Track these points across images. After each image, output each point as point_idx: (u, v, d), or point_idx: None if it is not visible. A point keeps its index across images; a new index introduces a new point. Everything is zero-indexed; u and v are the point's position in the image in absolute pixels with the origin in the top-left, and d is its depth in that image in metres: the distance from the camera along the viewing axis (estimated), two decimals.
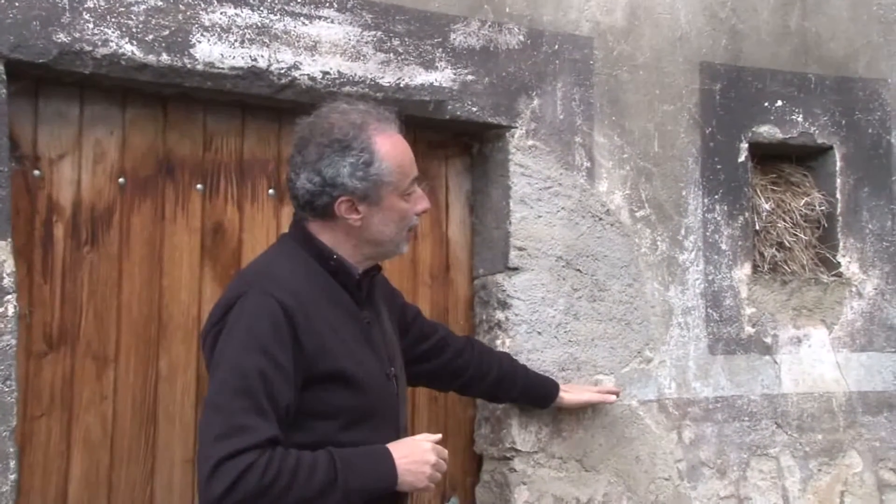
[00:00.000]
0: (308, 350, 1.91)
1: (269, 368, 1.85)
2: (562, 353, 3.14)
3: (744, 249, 3.48)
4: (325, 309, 2.00)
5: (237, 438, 1.79)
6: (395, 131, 2.12)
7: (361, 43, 2.90)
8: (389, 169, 2.05)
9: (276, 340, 1.88)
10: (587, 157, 3.24)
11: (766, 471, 3.44)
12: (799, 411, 3.51)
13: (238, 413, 1.81)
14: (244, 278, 2.05)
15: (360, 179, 2.03)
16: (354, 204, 2.05)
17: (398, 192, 2.08)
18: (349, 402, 1.97)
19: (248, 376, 1.83)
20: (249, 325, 1.88)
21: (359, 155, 2.03)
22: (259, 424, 1.81)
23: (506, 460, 3.07)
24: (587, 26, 3.28)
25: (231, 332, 1.90)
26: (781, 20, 3.64)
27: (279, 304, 1.90)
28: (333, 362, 1.95)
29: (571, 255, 3.18)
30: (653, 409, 3.27)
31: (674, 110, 3.40)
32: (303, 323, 1.92)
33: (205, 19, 2.68)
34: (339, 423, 1.96)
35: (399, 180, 2.08)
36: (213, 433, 1.81)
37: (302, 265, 2.05)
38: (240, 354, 1.86)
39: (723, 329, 3.41)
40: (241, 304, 1.91)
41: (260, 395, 1.83)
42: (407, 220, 2.14)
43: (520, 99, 3.14)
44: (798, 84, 3.63)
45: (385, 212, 2.08)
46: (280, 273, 2.00)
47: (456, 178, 3.24)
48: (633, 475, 3.22)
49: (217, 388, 1.87)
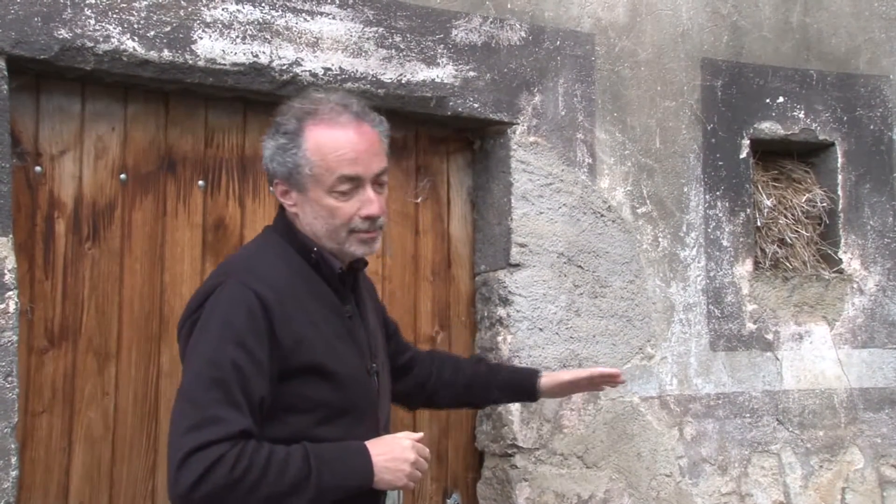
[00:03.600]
0: (284, 343, 1.87)
1: (243, 360, 1.81)
2: (563, 350, 3.14)
3: (745, 246, 3.48)
4: (305, 302, 1.94)
5: (208, 430, 1.75)
6: (350, 125, 1.98)
7: (363, 39, 2.89)
8: (308, 159, 1.96)
9: (252, 332, 1.83)
10: (589, 154, 3.23)
11: (767, 467, 3.44)
12: (800, 408, 3.51)
13: (210, 404, 1.78)
14: (224, 269, 1.99)
15: (279, 164, 1.99)
16: (288, 190, 2.01)
17: (323, 187, 1.96)
18: (326, 396, 1.92)
19: (222, 367, 1.80)
20: (225, 315, 1.85)
21: (280, 138, 1.99)
22: (231, 416, 1.78)
23: (507, 457, 3.07)
24: (588, 22, 3.27)
25: (206, 323, 1.86)
26: (783, 16, 3.63)
27: (256, 295, 1.86)
28: (311, 356, 1.90)
29: (573, 252, 3.18)
30: (654, 405, 3.27)
31: (675, 106, 3.40)
32: (280, 316, 1.87)
33: (206, 15, 2.68)
34: (315, 417, 1.91)
35: (321, 175, 1.96)
36: (184, 424, 1.78)
37: (283, 257, 2.00)
38: (214, 345, 1.82)
39: (724, 325, 3.41)
40: (218, 295, 1.88)
41: (233, 386, 1.79)
42: (342, 221, 1.99)
43: (521, 95, 3.13)
44: (799, 80, 3.63)
45: (312, 204, 1.99)
46: (260, 265, 1.95)
47: (457, 175, 3.24)
48: (634, 472, 3.22)
49: (190, 379, 1.83)
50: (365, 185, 1.99)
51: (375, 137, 2.04)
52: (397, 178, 3.12)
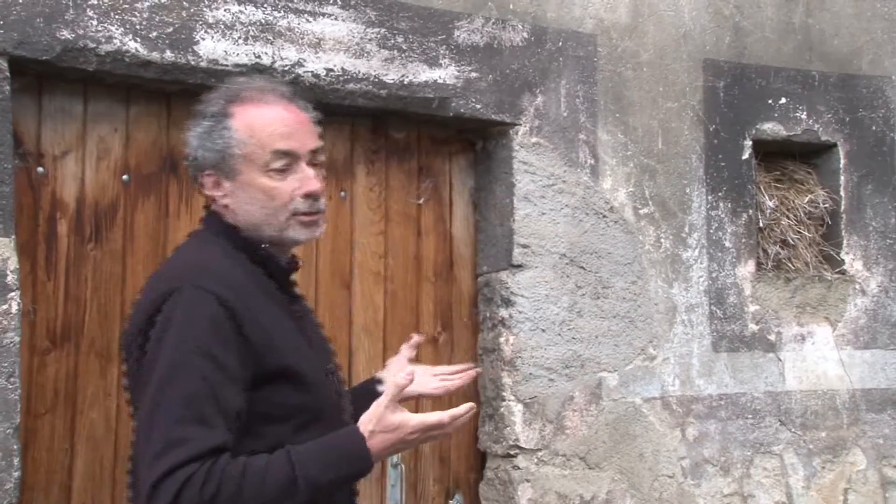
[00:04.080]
0: (256, 344, 1.70)
1: (211, 372, 1.63)
2: (565, 351, 3.14)
3: (747, 247, 3.48)
4: (262, 302, 1.78)
5: (173, 453, 1.58)
6: (278, 104, 1.85)
7: (365, 40, 2.89)
8: (239, 137, 1.79)
9: (218, 340, 1.66)
10: (591, 155, 3.23)
11: (769, 468, 3.44)
12: (803, 409, 3.51)
13: (175, 425, 1.60)
14: (170, 275, 1.77)
15: (208, 150, 1.81)
16: (218, 180, 1.83)
17: (257, 167, 1.79)
18: (300, 401, 1.77)
19: (188, 383, 1.62)
20: (185, 325, 1.65)
21: (206, 122, 1.82)
22: (198, 434, 1.60)
23: (509, 458, 3.06)
24: (591, 23, 3.27)
25: (164, 336, 1.65)
26: (785, 17, 3.63)
27: (218, 298, 1.68)
28: (282, 358, 1.75)
29: (575, 253, 3.18)
30: (656, 406, 3.27)
31: (677, 107, 3.40)
32: (246, 316, 1.70)
33: (209, 16, 2.68)
34: (292, 425, 1.75)
35: (254, 153, 1.79)
36: (151, 452, 1.60)
37: (228, 256, 1.81)
38: (176, 360, 1.64)
39: (726, 326, 3.41)
40: (173, 303, 1.67)
41: (203, 402, 1.61)
42: (281, 201, 1.82)
43: (523, 96, 3.13)
44: (802, 81, 3.63)
45: (246, 188, 1.81)
46: (212, 265, 1.77)
47: (459, 176, 3.24)
48: (636, 472, 3.22)
49: (152, 402, 1.63)
50: (301, 163, 1.84)
51: (306, 117, 1.91)
52: (399, 179, 3.13)
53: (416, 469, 3.11)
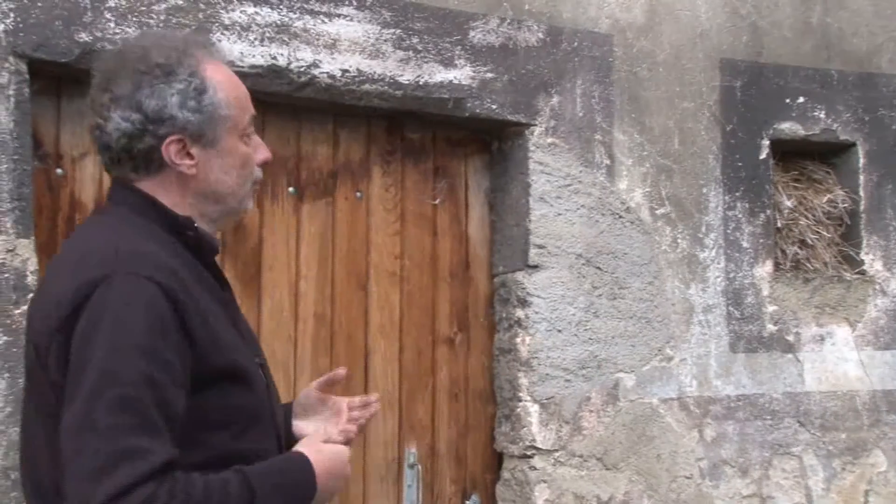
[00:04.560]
0: (199, 341, 1.49)
1: (155, 371, 1.42)
2: (582, 351, 3.13)
3: (765, 247, 3.46)
4: (199, 291, 1.57)
5: (126, 467, 1.34)
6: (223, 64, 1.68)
7: (381, 41, 2.90)
8: (226, 100, 1.61)
9: (160, 334, 1.44)
10: (607, 155, 3.23)
11: (788, 470, 3.42)
12: (822, 410, 3.49)
13: (122, 434, 1.36)
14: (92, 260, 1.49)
15: (194, 111, 1.58)
16: (186, 145, 1.59)
17: (238, 132, 1.63)
18: (241, 402, 1.57)
19: (128, 384, 1.39)
20: (122, 317, 1.42)
21: (188, 80, 1.58)
22: (151, 446, 1.38)
23: (526, 458, 3.06)
24: (606, 23, 3.27)
25: (96, 330, 1.42)
26: (803, 16, 3.61)
27: (158, 286, 1.45)
28: (228, 355, 1.55)
29: (591, 253, 3.17)
30: (674, 407, 3.26)
31: (694, 107, 3.39)
32: (190, 307, 1.49)
33: (225, 18, 2.69)
34: (233, 430, 1.55)
35: (238, 116, 1.63)
36: (90, 465, 1.35)
37: (155, 238, 1.57)
38: (114, 357, 1.41)
39: (744, 327, 3.39)
40: (105, 293, 1.43)
41: (148, 407, 1.40)
42: (250, 170, 1.67)
43: (539, 96, 3.13)
44: (820, 80, 3.60)
45: (224, 156, 1.62)
46: (146, 248, 1.53)
47: (475, 176, 3.24)
48: (654, 473, 3.20)
49: (87, 405, 1.38)
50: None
51: None
52: (415, 179, 3.13)
53: (433, 469, 3.11)
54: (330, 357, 2.97)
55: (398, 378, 3.07)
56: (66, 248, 1.62)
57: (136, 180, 1.61)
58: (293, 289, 2.93)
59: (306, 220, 2.96)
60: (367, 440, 3.00)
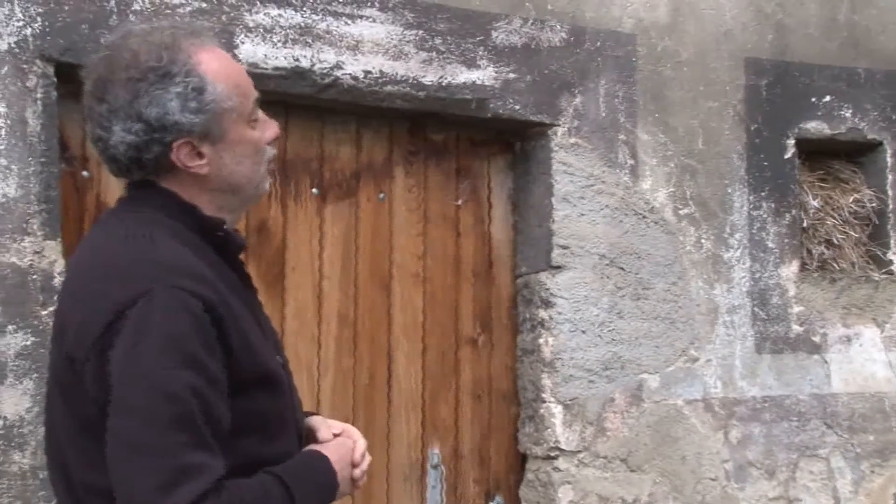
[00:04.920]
0: (236, 351, 1.49)
1: (202, 384, 1.42)
2: (605, 352, 3.12)
3: (791, 247, 3.43)
4: (230, 296, 1.55)
5: (189, 485, 1.36)
6: (215, 45, 1.62)
7: (403, 42, 2.91)
8: (226, 92, 1.55)
9: (204, 346, 1.44)
10: (630, 155, 3.21)
11: (815, 472, 3.39)
12: (849, 411, 3.45)
13: (179, 450, 1.37)
14: (134, 270, 1.47)
15: (196, 111, 1.53)
16: (195, 146, 1.55)
17: (243, 119, 1.59)
18: (271, 407, 1.58)
19: (180, 399, 1.39)
20: (168, 331, 1.41)
21: (185, 81, 1.52)
22: (209, 461, 1.40)
23: (550, 459, 3.05)
24: (630, 23, 3.25)
25: (141, 345, 1.41)
26: (829, 13, 3.58)
27: (198, 298, 1.45)
28: (261, 362, 1.56)
29: (615, 254, 3.16)
30: (699, 408, 3.24)
31: (718, 107, 3.37)
32: (228, 318, 1.48)
33: (248, 20, 2.71)
34: (262, 436, 1.55)
35: (241, 104, 1.58)
36: (150, 484, 1.35)
37: (186, 242, 1.55)
38: (163, 372, 1.40)
39: (770, 328, 3.37)
40: (147, 306, 1.42)
41: (201, 422, 1.40)
42: (262, 152, 1.64)
43: (562, 96, 3.13)
44: (847, 78, 3.57)
45: (234, 147, 1.59)
46: (183, 258, 1.51)
47: (498, 177, 3.24)
48: (679, 475, 3.19)
49: (141, 422, 1.38)
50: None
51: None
52: (438, 180, 3.13)
53: (456, 470, 3.11)
54: (353, 358, 2.98)
55: (421, 379, 3.07)
56: (95, 253, 1.57)
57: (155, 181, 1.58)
58: (316, 290, 2.94)
59: (329, 221, 2.97)
60: (390, 441, 3.01)
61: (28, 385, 2.40)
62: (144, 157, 1.54)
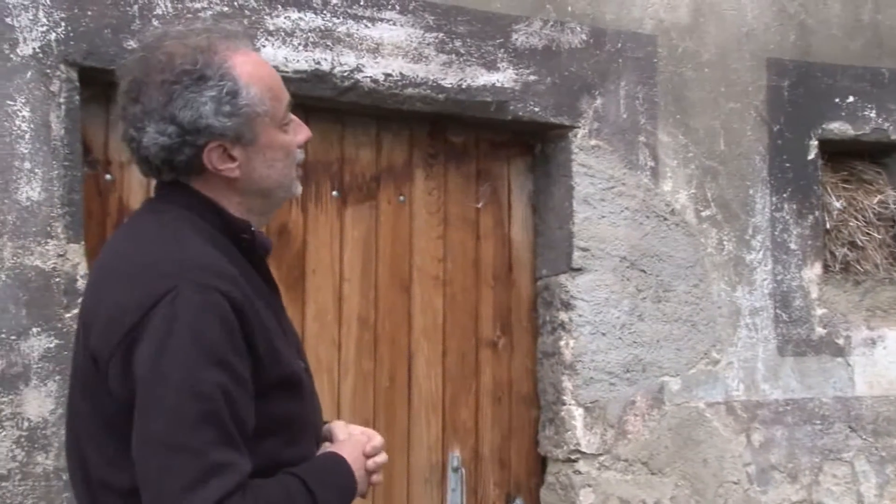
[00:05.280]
0: (262, 353, 1.50)
1: (230, 384, 1.42)
2: (626, 355, 3.11)
3: (814, 249, 3.41)
4: (256, 299, 1.55)
5: (217, 482, 1.37)
6: (250, 49, 1.64)
7: (423, 44, 2.91)
8: (260, 96, 1.56)
9: (232, 346, 1.44)
10: (651, 157, 3.20)
11: (839, 476, 3.36)
12: (874, 415, 3.42)
13: (208, 448, 1.38)
14: (160, 268, 1.48)
15: (229, 115, 1.54)
16: (227, 150, 1.56)
17: (276, 123, 1.60)
18: (294, 411, 1.58)
19: (208, 398, 1.39)
20: (196, 329, 1.41)
21: (219, 85, 1.53)
22: (235, 459, 1.41)
23: (570, 462, 3.05)
24: (650, 24, 3.24)
25: (168, 342, 1.41)
26: (853, 13, 3.55)
27: (226, 297, 1.44)
28: (285, 365, 1.56)
29: (636, 256, 3.15)
30: (720, 411, 3.22)
31: (740, 108, 3.35)
32: (253, 318, 1.49)
33: (269, 24, 2.72)
34: (284, 438, 1.55)
35: (274, 108, 1.59)
36: (179, 482, 1.36)
37: (212, 242, 1.55)
38: (190, 370, 1.40)
39: (792, 330, 3.34)
40: (174, 304, 1.42)
41: (228, 420, 1.41)
42: (293, 156, 1.64)
43: (582, 98, 3.12)
44: (870, 79, 3.54)
45: (265, 151, 1.59)
46: (210, 256, 1.51)
47: (518, 179, 3.24)
48: (700, 478, 3.17)
49: (169, 420, 1.39)
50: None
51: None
52: (458, 182, 3.13)
53: (477, 473, 3.11)
54: (374, 360, 2.98)
55: (441, 381, 3.07)
56: (121, 251, 1.58)
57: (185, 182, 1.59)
58: (337, 292, 2.95)
59: (350, 223, 2.98)
60: (410, 443, 3.01)
61: (52, 387, 2.43)
62: (176, 158, 1.54)
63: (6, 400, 2.39)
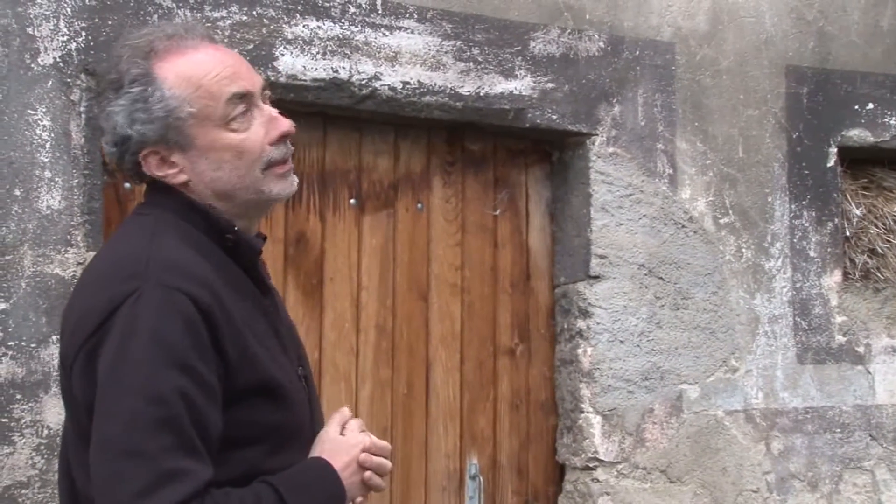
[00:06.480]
0: (232, 357, 1.42)
1: (191, 388, 1.35)
2: (644, 363, 3.10)
3: (833, 256, 3.39)
4: (235, 300, 1.48)
5: (171, 489, 1.30)
6: (202, 44, 1.52)
7: (441, 53, 2.92)
8: (182, 95, 1.46)
9: (195, 349, 1.37)
10: (669, 164, 3.19)
11: (860, 484, 3.34)
12: (895, 423, 3.40)
13: (163, 454, 1.31)
14: (121, 271, 1.42)
15: (145, 122, 1.46)
16: (163, 155, 1.49)
17: (215, 123, 1.49)
18: (277, 419, 1.49)
19: (166, 402, 1.33)
20: (156, 330, 1.35)
21: (129, 92, 1.47)
22: (193, 466, 1.34)
23: (588, 470, 3.04)
24: (668, 31, 3.24)
25: (126, 345, 1.35)
26: (873, 20, 3.53)
27: (190, 299, 1.38)
28: (261, 371, 1.47)
29: (654, 263, 3.14)
30: (739, 419, 3.20)
31: (759, 115, 3.33)
32: (222, 321, 1.41)
33: (288, 32, 2.73)
34: (266, 447, 1.48)
35: (208, 107, 1.48)
36: (131, 488, 1.30)
37: (191, 244, 1.49)
38: (149, 373, 1.34)
39: (812, 338, 3.32)
40: (136, 305, 1.36)
41: (187, 426, 1.34)
42: (253, 155, 1.52)
43: (600, 106, 3.12)
44: (890, 86, 3.52)
45: (209, 153, 1.49)
46: (179, 257, 1.44)
47: (536, 186, 3.24)
48: (719, 487, 3.15)
49: (125, 424, 1.32)
50: (258, 103, 1.54)
51: (236, 52, 1.65)
52: (475, 190, 3.14)
53: (495, 481, 3.10)
54: (391, 368, 2.99)
55: (459, 389, 3.07)
56: (99, 255, 1.57)
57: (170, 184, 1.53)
58: (355, 300, 2.95)
59: (367, 231, 2.99)
60: (428, 451, 3.01)
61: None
62: (124, 167, 1.53)
63: (26, 408, 2.40)
